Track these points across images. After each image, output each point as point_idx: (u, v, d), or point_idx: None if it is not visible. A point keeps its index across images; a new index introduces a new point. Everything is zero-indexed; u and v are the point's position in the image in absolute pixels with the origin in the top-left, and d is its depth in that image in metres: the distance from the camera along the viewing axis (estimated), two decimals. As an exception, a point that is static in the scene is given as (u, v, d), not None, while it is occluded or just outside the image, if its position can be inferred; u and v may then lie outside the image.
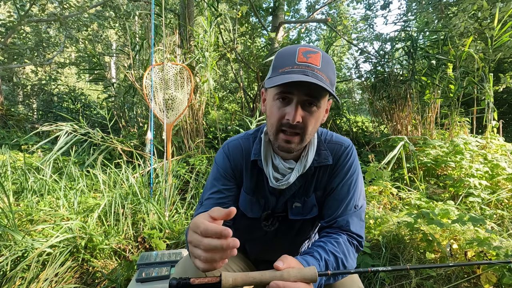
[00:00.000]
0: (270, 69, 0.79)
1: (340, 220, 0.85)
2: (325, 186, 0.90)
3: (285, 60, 0.73)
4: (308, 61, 0.72)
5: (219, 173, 0.94)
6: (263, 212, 0.94)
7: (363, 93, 5.15)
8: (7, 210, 1.77)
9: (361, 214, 0.87)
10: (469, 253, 1.60)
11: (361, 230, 0.86)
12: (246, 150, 0.93)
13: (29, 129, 5.57)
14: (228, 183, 0.93)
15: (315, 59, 0.72)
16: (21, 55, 6.67)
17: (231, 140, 0.98)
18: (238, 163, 0.93)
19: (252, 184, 0.93)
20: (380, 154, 3.58)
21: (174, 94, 2.75)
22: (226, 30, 5.34)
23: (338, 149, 0.90)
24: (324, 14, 8.63)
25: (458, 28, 3.78)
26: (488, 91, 3.19)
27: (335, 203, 0.87)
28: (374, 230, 1.92)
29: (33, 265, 1.58)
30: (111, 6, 6.90)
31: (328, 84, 0.72)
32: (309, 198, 0.91)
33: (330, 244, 0.78)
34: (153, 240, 1.87)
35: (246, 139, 0.96)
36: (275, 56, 0.77)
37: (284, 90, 0.74)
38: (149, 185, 2.37)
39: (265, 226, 0.96)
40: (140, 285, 1.28)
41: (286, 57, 0.74)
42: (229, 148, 0.95)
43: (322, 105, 0.77)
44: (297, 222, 0.94)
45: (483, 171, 2.48)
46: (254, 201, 0.94)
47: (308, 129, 0.76)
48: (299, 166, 0.85)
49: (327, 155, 0.88)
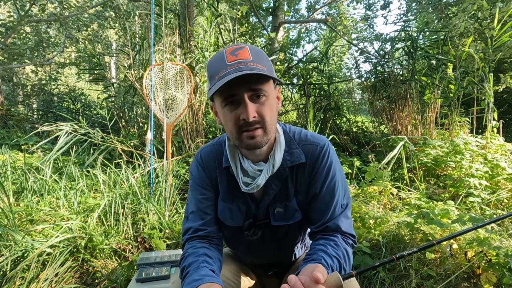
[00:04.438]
0: (208, 80, 0.78)
1: (331, 225, 0.84)
2: (307, 189, 0.87)
3: (216, 67, 0.73)
4: (238, 58, 0.71)
5: (195, 184, 0.92)
6: (245, 221, 0.91)
7: (363, 93, 5.15)
8: (7, 210, 1.77)
9: (347, 213, 0.86)
10: (469, 253, 1.60)
11: (351, 229, 0.86)
12: (219, 156, 0.90)
13: (29, 129, 5.58)
14: (206, 192, 0.91)
15: (244, 53, 0.72)
16: (21, 55, 6.67)
17: (203, 147, 0.95)
18: (212, 170, 0.91)
19: (228, 191, 0.90)
20: (380, 154, 3.58)
21: (174, 94, 2.75)
22: (226, 30, 5.34)
23: (313, 149, 0.86)
24: (324, 14, 8.63)
25: (458, 28, 3.78)
26: (488, 91, 3.19)
27: (322, 209, 0.85)
28: (374, 230, 1.92)
29: (33, 265, 1.58)
30: (111, 6, 6.91)
31: (266, 71, 0.71)
32: (290, 202, 0.88)
33: (331, 247, 0.78)
34: (153, 240, 1.87)
35: (218, 145, 0.92)
36: (207, 68, 0.77)
37: (228, 93, 0.72)
38: (149, 185, 2.37)
39: (248, 235, 0.92)
40: (140, 285, 1.27)
41: (216, 63, 0.73)
42: (202, 157, 0.93)
43: (270, 93, 0.76)
44: (281, 228, 0.91)
45: (483, 171, 2.48)
46: (233, 208, 0.90)
47: (266, 119, 0.75)
48: (267, 167, 0.82)
49: (299, 153, 0.85)
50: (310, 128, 2.77)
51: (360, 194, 2.43)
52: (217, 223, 0.92)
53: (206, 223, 0.89)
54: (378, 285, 1.56)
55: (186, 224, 0.91)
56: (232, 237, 0.98)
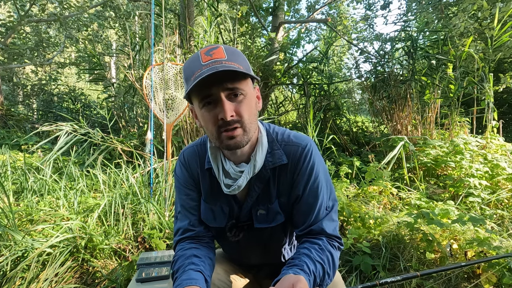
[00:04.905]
0: (184, 84, 0.77)
1: (315, 228, 0.82)
2: (289, 191, 0.85)
3: (191, 68, 0.72)
4: (213, 57, 0.70)
5: (180, 184, 0.92)
6: (228, 221, 0.90)
7: (363, 93, 5.15)
8: (7, 210, 1.77)
9: (332, 215, 0.85)
10: (469, 253, 1.60)
11: (336, 231, 0.84)
12: (201, 157, 0.89)
13: (29, 129, 5.58)
14: (190, 192, 0.91)
15: (219, 53, 0.71)
16: (21, 55, 6.67)
17: (187, 147, 0.94)
18: (194, 171, 0.90)
19: (210, 192, 0.89)
20: (380, 154, 3.58)
21: (174, 94, 2.75)
22: (226, 30, 5.34)
23: (295, 150, 0.84)
24: (324, 14, 8.63)
25: (458, 28, 3.78)
26: (488, 91, 3.20)
27: (305, 211, 0.83)
28: (374, 230, 1.92)
29: (33, 265, 1.58)
30: (111, 6, 6.91)
31: (242, 69, 0.69)
32: (273, 204, 0.86)
33: (315, 251, 0.77)
34: (153, 240, 1.87)
35: (202, 145, 0.91)
36: (183, 70, 0.76)
37: (204, 94, 0.71)
38: (149, 185, 2.37)
39: (229, 237, 0.91)
40: (140, 285, 1.27)
41: (192, 64, 0.72)
42: (185, 157, 0.92)
43: (248, 92, 0.74)
44: (265, 230, 0.89)
45: (483, 171, 2.48)
46: (216, 210, 0.89)
47: (245, 117, 0.73)
48: (248, 168, 0.81)
49: (281, 154, 0.83)
50: (310, 128, 2.77)
51: (360, 194, 2.44)
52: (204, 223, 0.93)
53: (193, 223, 0.90)
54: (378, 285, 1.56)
55: (175, 225, 0.92)
56: (216, 237, 0.98)
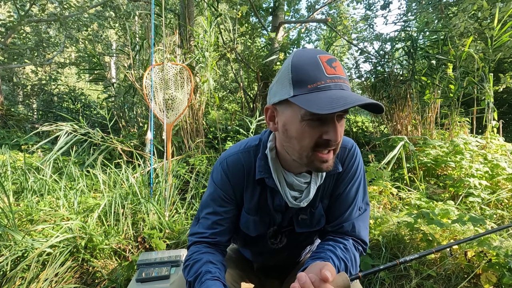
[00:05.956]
0: (286, 82, 0.65)
1: (346, 225, 0.82)
2: (332, 193, 0.85)
3: (311, 72, 0.62)
4: (337, 72, 0.62)
5: (216, 193, 0.85)
6: (269, 229, 0.88)
7: (363, 93, 5.14)
8: (7, 210, 1.77)
9: (366, 219, 0.85)
10: (469, 253, 1.60)
11: (366, 236, 0.83)
12: (248, 167, 0.82)
13: (29, 129, 5.58)
14: (226, 205, 0.84)
15: (339, 68, 0.63)
16: (21, 55, 6.67)
17: (229, 154, 0.85)
18: (239, 181, 0.83)
19: (253, 204, 0.85)
20: (380, 154, 3.58)
21: (174, 94, 2.76)
22: (226, 30, 5.34)
23: (342, 152, 0.83)
24: (324, 14, 8.63)
25: (458, 28, 3.78)
26: (488, 91, 3.19)
27: (341, 208, 0.83)
28: (374, 230, 1.92)
29: (33, 265, 1.58)
30: (111, 6, 6.90)
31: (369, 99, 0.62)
32: (316, 209, 0.85)
33: (340, 250, 0.76)
34: (153, 240, 1.87)
35: (246, 152, 0.84)
36: (292, 67, 0.64)
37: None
38: (149, 185, 2.37)
39: (273, 244, 0.89)
40: (140, 285, 1.27)
41: (310, 68, 0.62)
42: (228, 165, 0.84)
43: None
44: (303, 233, 0.89)
45: (483, 171, 2.48)
46: (257, 220, 0.86)
47: (340, 142, 0.70)
48: (315, 177, 0.79)
49: (337, 162, 0.81)
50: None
51: (360, 194, 2.43)
52: (229, 234, 0.88)
53: (218, 233, 0.85)
54: (378, 285, 1.56)
55: (195, 227, 0.87)
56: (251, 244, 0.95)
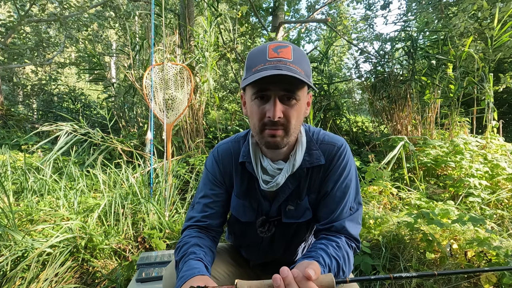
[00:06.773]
0: (244, 70, 0.78)
1: (337, 225, 0.83)
2: (319, 188, 0.88)
3: (256, 59, 0.73)
4: (280, 56, 0.70)
5: (207, 178, 0.94)
6: (258, 217, 0.92)
7: (363, 93, 5.15)
8: (7, 210, 1.77)
9: (357, 218, 0.86)
10: (469, 253, 1.60)
11: (357, 234, 0.85)
12: (236, 153, 0.91)
13: (29, 129, 5.57)
14: (216, 189, 0.93)
15: (286, 53, 0.71)
16: (21, 55, 6.67)
17: (221, 143, 0.97)
18: (228, 167, 0.93)
19: (243, 188, 0.91)
20: (380, 154, 3.58)
21: (174, 94, 2.76)
22: (226, 30, 5.34)
23: (331, 149, 0.86)
24: (324, 14, 8.63)
25: (458, 28, 3.78)
26: (488, 91, 3.19)
27: (330, 207, 0.85)
28: (374, 230, 1.92)
29: (33, 265, 1.58)
30: (111, 6, 6.90)
31: (303, 75, 0.70)
32: (302, 201, 0.88)
33: (332, 248, 0.77)
34: (153, 240, 1.87)
35: (236, 142, 0.94)
36: (247, 57, 0.77)
37: (260, 88, 0.72)
38: (149, 185, 2.37)
39: (261, 232, 0.93)
40: (140, 285, 1.28)
41: (257, 55, 0.73)
42: (219, 152, 0.95)
43: (302, 98, 0.75)
44: (291, 225, 0.92)
45: (483, 171, 2.48)
46: (246, 205, 0.92)
47: (291, 123, 0.75)
48: (287, 166, 0.83)
49: (319, 155, 0.85)
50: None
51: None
52: (220, 218, 0.94)
53: (208, 216, 0.92)
54: (378, 285, 1.56)
55: (190, 212, 0.95)
56: (243, 234, 0.99)
